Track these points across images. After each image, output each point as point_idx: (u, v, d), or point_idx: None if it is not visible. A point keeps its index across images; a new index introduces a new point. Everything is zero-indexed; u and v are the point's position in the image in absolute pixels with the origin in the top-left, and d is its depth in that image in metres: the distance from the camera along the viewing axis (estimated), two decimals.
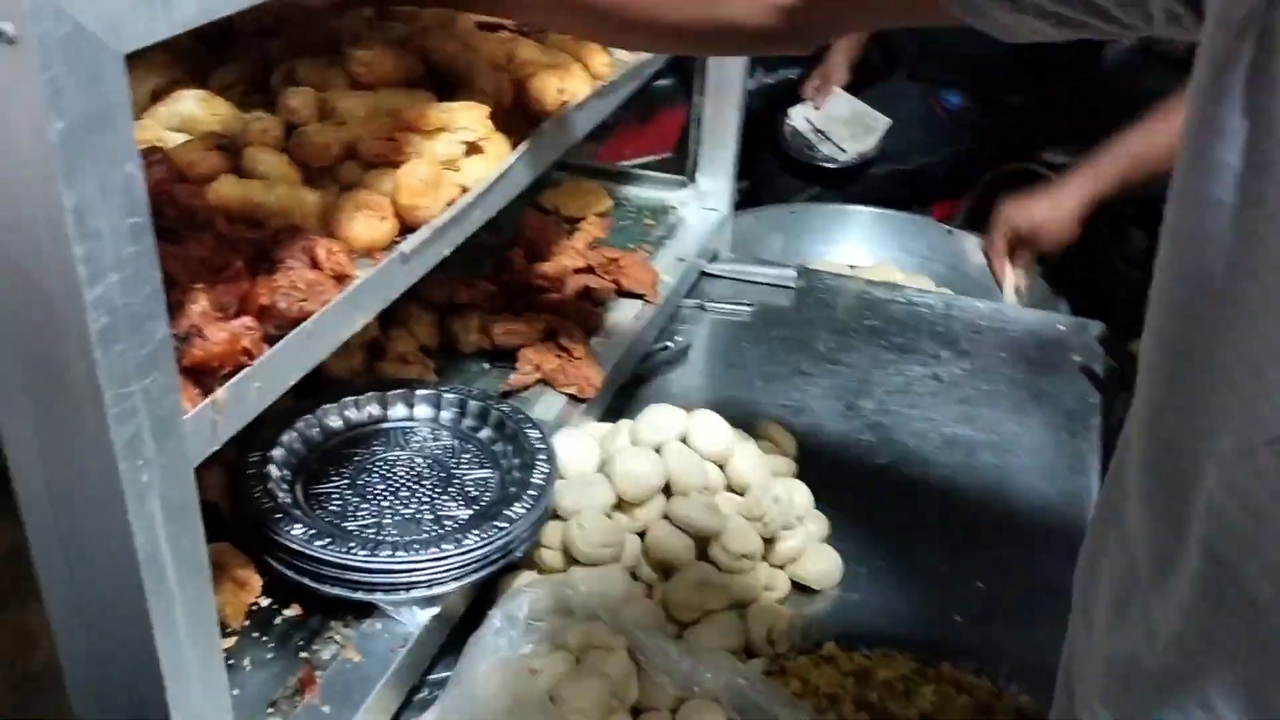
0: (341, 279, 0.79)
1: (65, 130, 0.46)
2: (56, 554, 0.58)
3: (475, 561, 0.94)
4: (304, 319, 0.74)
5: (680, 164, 1.69)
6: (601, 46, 1.20)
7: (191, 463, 0.61)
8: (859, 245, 2.24)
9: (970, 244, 2.17)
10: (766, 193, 2.54)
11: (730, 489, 1.13)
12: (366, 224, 0.84)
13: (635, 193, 1.70)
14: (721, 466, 1.14)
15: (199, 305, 0.68)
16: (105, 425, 0.52)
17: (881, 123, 2.54)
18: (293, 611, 0.93)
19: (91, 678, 0.63)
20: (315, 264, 0.79)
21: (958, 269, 2.16)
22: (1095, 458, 1.33)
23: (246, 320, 0.70)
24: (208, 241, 0.75)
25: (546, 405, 1.21)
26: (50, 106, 0.45)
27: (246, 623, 0.92)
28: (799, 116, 2.56)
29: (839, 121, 2.55)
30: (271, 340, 0.72)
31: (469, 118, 0.94)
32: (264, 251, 0.80)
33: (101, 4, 0.46)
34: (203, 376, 0.68)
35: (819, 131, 2.55)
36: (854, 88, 2.70)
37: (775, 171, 2.66)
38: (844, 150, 2.51)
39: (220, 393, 0.66)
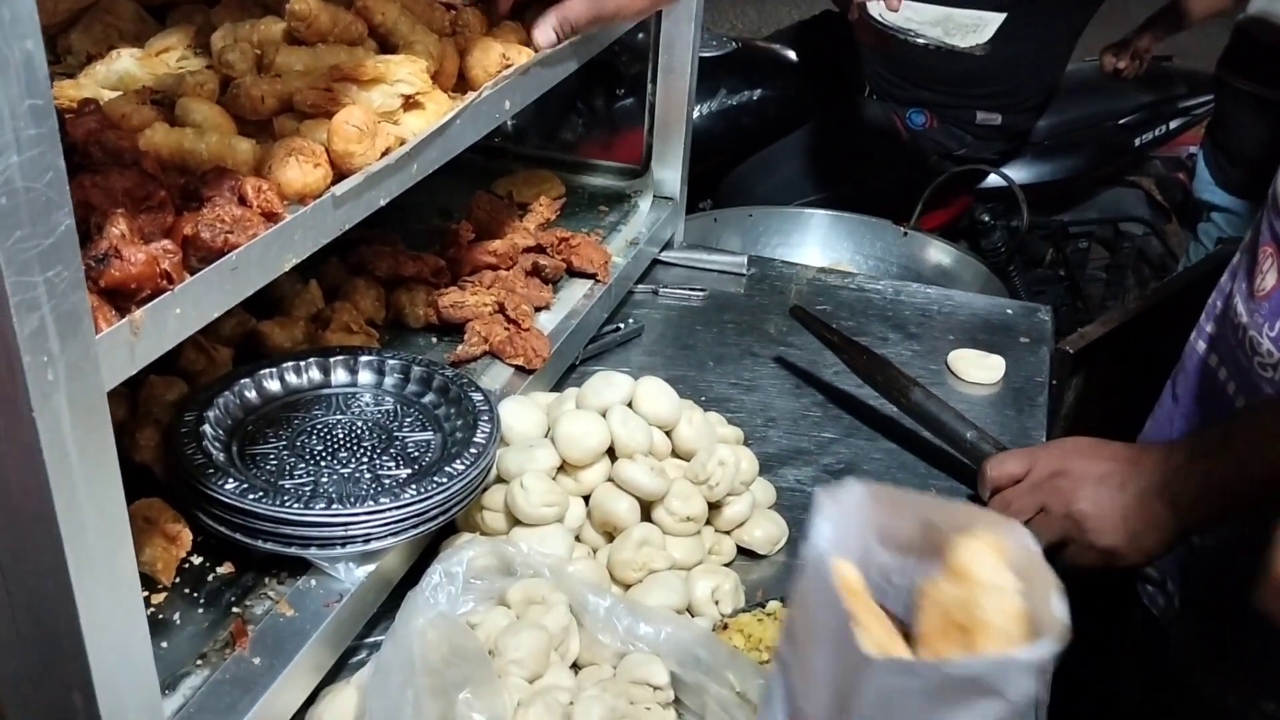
0: (270, 217, 0.78)
1: None
2: None
3: (412, 517, 0.92)
4: (229, 251, 0.73)
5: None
6: None
7: (104, 376, 0.60)
8: (815, 247, 2.26)
9: (924, 244, 2.19)
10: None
11: (676, 455, 1.12)
12: (299, 169, 0.84)
13: (590, 181, 1.70)
14: (668, 433, 1.13)
15: (119, 228, 0.67)
16: (8, 314, 0.51)
17: (991, 19, 2.19)
18: (225, 569, 0.92)
19: (6, 600, 0.62)
20: (244, 201, 0.78)
21: (912, 269, 2.18)
22: (1041, 434, 1.34)
23: (166, 244, 0.69)
24: (132, 174, 0.74)
25: (493, 377, 1.21)
26: None
27: (177, 579, 0.90)
28: (875, 8, 2.15)
29: (927, 23, 2.20)
30: (195, 271, 0.72)
31: (407, 70, 0.94)
32: (193, 194, 0.80)
33: None
34: (121, 300, 0.67)
35: (903, 30, 2.16)
36: (814, 108, 2.70)
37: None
38: (949, 43, 2.14)
39: (138, 314, 0.65)
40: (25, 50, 0.48)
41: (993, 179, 2.71)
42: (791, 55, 2.81)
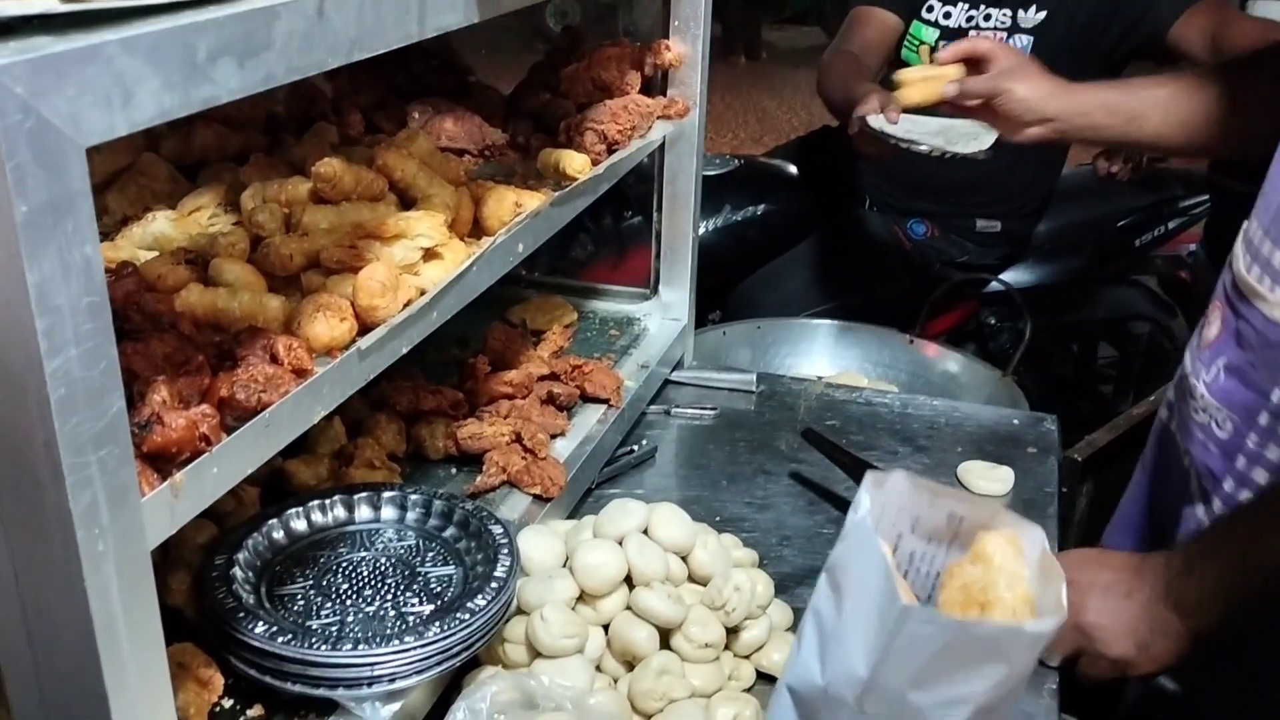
0: (301, 373, 0.83)
1: (29, 214, 0.50)
2: (17, 626, 0.59)
3: (437, 654, 0.95)
4: (263, 410, 0.78)
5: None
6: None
7: (148, 539, 0.64)
8: (823, 357, 2.30)
9: (931, 351, 2.23)
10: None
11: (692, 580, 1.15)
12: (326, 324, 0.89)
13: (600, 306, 1.76)
14: (684, 559, 1.15)
15: (160, 395, 0.72)
16: (64, 494, 0.55)
17: (987, 135, 2.19)
18: (255, 712, 0.94)
19: None
20: (275, 359, 0.82)
21: (921, 376, 2.22)
22: (1053, 545, 1.35)
23: (205, 408, 0.73)
24: (170, 339, 0.79)
25: (512, 506, 1.24)
26: (15, 192, 0.49)
27: None
28: (876, 120, 2.05)
29: (929, 132, 2.07)
30: (231, 430, 0.76)
31: (427, 225, 1.00)
32: (227, 352, 0.84)
33: (65, 101, 0.51)
34: (162, 463, 0.71)
35: (905, 139, 2.16)
36: (817, 221, 2.77)
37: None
38: (951, 150, 2.01)
39: (178, 476, 0.69)
40: (85, 255, 0.53)
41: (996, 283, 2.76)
42: (793, 170, 2.89)
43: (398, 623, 0.98)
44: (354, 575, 1.04)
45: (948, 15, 2.41)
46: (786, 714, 0.77)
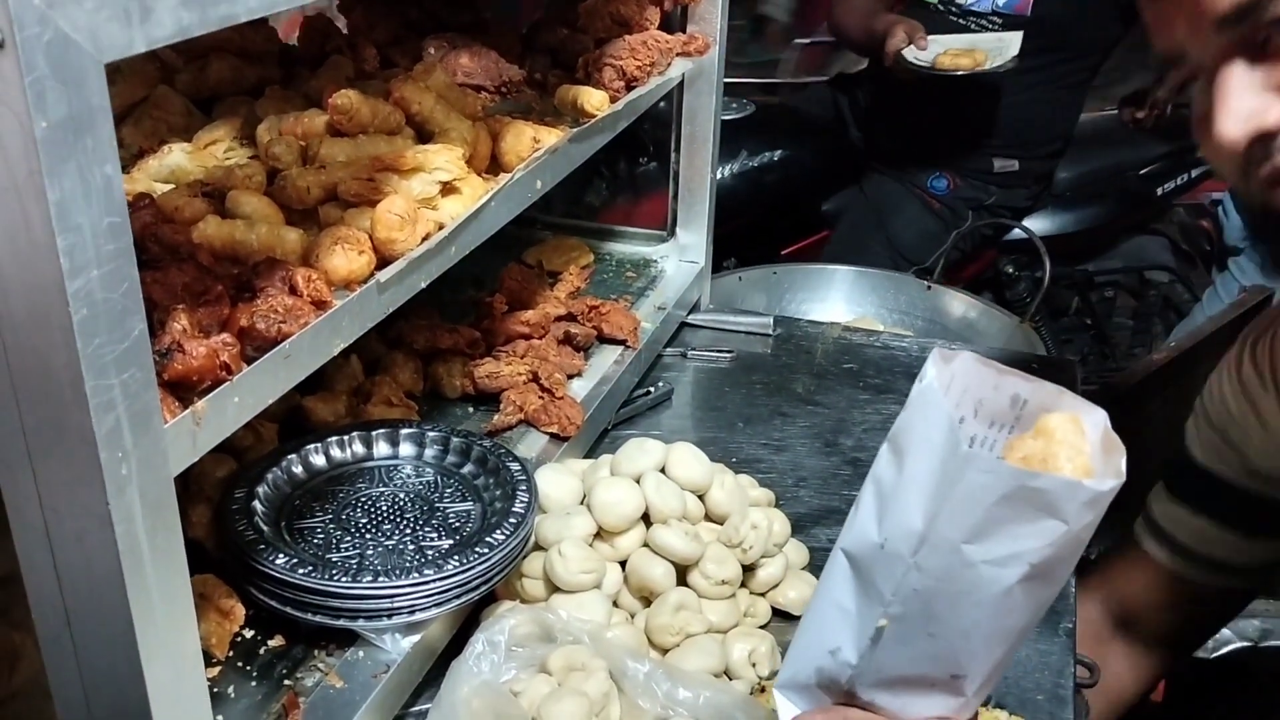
0: (320, 305, 0.82)
1: (48, 130, 0.49)
2: (43, 553, 0.60)
3: (456, 587, 0.95)
4: (283, 340, 0.77)
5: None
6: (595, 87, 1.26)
7: (171, 467, 0.64)
8: (840, 302, 2.29)
9: (948, 297, 2.22)
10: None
11: (709, 519, 1.15)
12: (345, 257, 0.88)
13: (617, 248, 1.74)
14: (701, 498, 1.15)
15: (180, 323, 0.71)
16: (87, 416, 0.55)
17: (1011, 38, 2.32)
18: (276, 642, 0.95)
19: (77, 682, 0.65)
20: (294, 291, 0.82)
21: (937, 322, 2.20)
22: None
23: (225, 337, 0.73)
24: (189, 269, 0.78)
25: (529, 445, 1.24)
26: (35, 107, 0.49)
27: (230, 653, 0.93)
28: (910, 54, 2.31)
29: (958, 51, 2.34)
30: (251, 361, 0.76)
31: (445, 158, 0.99)
32: (246, 284, 0.84)
33: (83, 14, 0.50)
34: (184, 391, 0.70)
35: (939, 70, 2.30)
36: (831, 184, 2.74)
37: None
38: (982, 69, 2.26)
39: (200, 404, 0.69)
40: (105, 174, 0.53)
41: (1016, 231, 2.73)
42: (811, 115, 2.86)
43: (417, 556, 0.99)
44: (373, 510, 1.05)
45: None
46: (841, 576, 0.77)
